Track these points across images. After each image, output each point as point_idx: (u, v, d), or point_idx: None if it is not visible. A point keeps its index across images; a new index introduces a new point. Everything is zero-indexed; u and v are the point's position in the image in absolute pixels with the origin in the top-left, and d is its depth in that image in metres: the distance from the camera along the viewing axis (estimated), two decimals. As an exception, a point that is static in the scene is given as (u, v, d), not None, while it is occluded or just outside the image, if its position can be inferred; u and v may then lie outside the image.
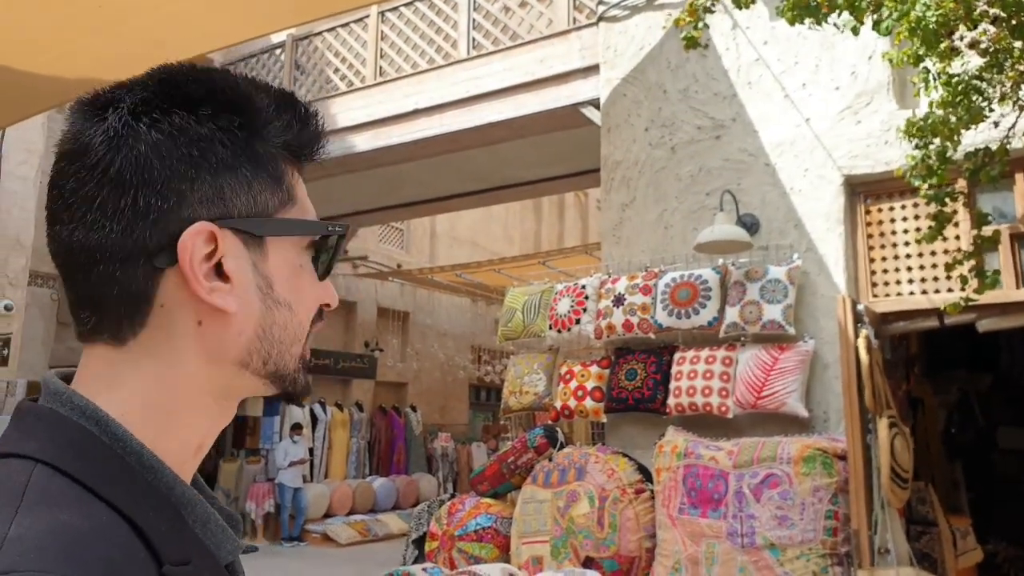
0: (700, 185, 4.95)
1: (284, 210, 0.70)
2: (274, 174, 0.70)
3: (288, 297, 0.70)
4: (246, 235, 0.67)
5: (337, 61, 8.71)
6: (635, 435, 4.90)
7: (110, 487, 0.59)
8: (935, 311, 4.27)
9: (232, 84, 0.69)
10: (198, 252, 0.64)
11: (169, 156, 0.64)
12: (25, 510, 0.55)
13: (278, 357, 0.70)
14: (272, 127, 0.70)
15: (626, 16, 5.47)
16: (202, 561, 0.64)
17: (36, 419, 0.63)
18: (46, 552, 0.52)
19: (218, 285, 0.65)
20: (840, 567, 3.83)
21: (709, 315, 4.58)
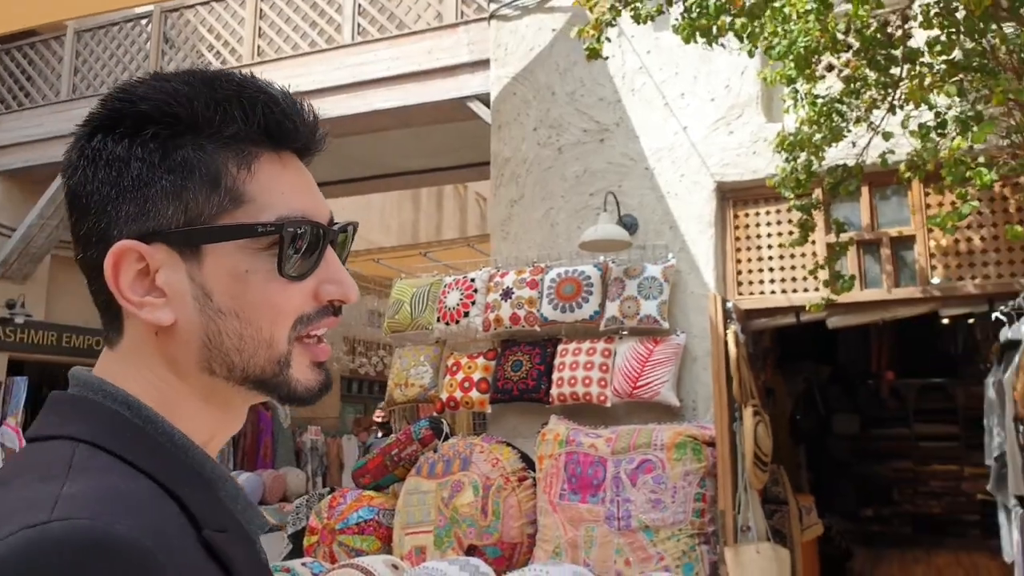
0: (585, 185, 5.17)
1: (227, 214, 0.68)
2: (207, 177, 0.68)
3: (232, 306, 0.68)
4: (179, 246, 0.67)
5: (211, 37, 8.38)
6: (517, 424, 5.07)
7: (148, 461, 0.63)
8: (793, 308, 4.69)
9: (156, 92, 0.68)
10: (128, 270, 0.67)
11: (94, 180, 0.67)
12: (74, 476, 0.58)
13: (243, 363, 0.69)
14: (208, 126, 0.68)
15: (517, 16, 5.61)
16: (236, 533, 0.67)
17: (72, 406, 0.67)
18: (100, 504, 0.56)
19: (150, 300, 0.67)
20: (707, 545, 4.15)
21: (591, 309, 4.80)
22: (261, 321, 0.69)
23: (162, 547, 0.56)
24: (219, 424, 0.74)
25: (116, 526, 0.54)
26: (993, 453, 3.66)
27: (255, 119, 0.69)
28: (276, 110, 0.70)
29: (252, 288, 0.69)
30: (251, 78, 0.72)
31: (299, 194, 0.72)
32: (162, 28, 8.67)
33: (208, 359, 0.69)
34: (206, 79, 0.70)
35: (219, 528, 0.64)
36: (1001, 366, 3.52)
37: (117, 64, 8.75)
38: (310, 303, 0.71)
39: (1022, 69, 2.32)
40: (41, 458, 0.62)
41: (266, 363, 0.70)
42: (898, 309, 4.35)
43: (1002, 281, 4.14)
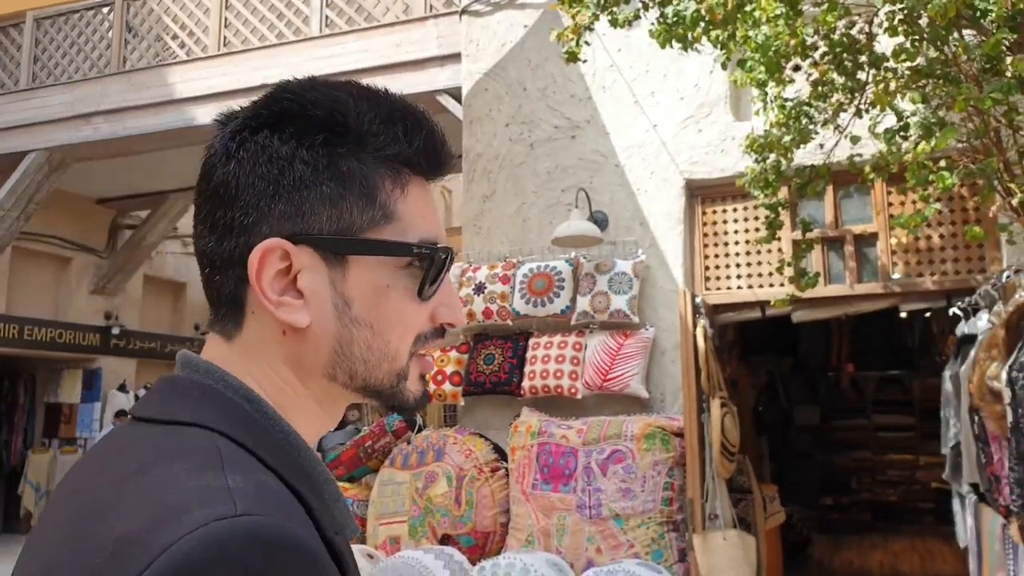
0: (556, 182, 5.24)
1: (377, 228, 0.70)
2: (365, 191, 0.69)
3: (368, 318, 0.70)
4: (326, 253, 0.69)
5: (176, 27, 8.27)
6: (489, 417, 5.14)
7: (275, 460, 0.64)
8: (758, 303, 4.82)
9: (327, 99, 0.69)
10: (270, 267, 0.67)
11: (251, 174, 0.68)
12: (229, 469, 0.59)
13: (365, 374, 0.71)
14: (372, 142, 0.70)
15: (488, 12, 5.65)
16: (344, 535, 0.68)
17: (202, 394, 0.68)
18: (267, 501, 0.58)
19: (288, 300, 0.68)
20: (675, 533, 4.26)
21: (562, 304, 4.88)
22: (391, 335, 0.71)
23: (318, 546, 0.59)
24: (322, 427, 0.76)
25: (287, 524, 0.56)
26: (949, 443, 3.82)
27: (417, 143, 0.71)
28: (435, 138, 0.73)
29: (389, 303, 0.70)
30: (409, 102, 0.74)
31: (435, 219, 0.75)
32: (124, 16, 8.53)
33: (334, 365, 0.71)
34: (372, 95, 0.72)
35: (335, 530, 0.65)
36: (958, 360, 3.67)
37: (79, 53, 8.60)
38: (427, 323, 0.74)
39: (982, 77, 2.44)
40: (186, 444, 0.62)
41: (386, 375, 0.72)
42: (860, 304, 4.50)
43: (959, 278, 4.31)
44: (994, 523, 3.15)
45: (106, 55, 8.50)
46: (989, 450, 3.03)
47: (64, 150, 8.37)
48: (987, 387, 2.68)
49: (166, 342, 12.07)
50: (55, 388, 11.08)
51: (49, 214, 9.64)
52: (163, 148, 8.35)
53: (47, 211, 9.35)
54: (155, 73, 8.14)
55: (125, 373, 11.32)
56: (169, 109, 7.96)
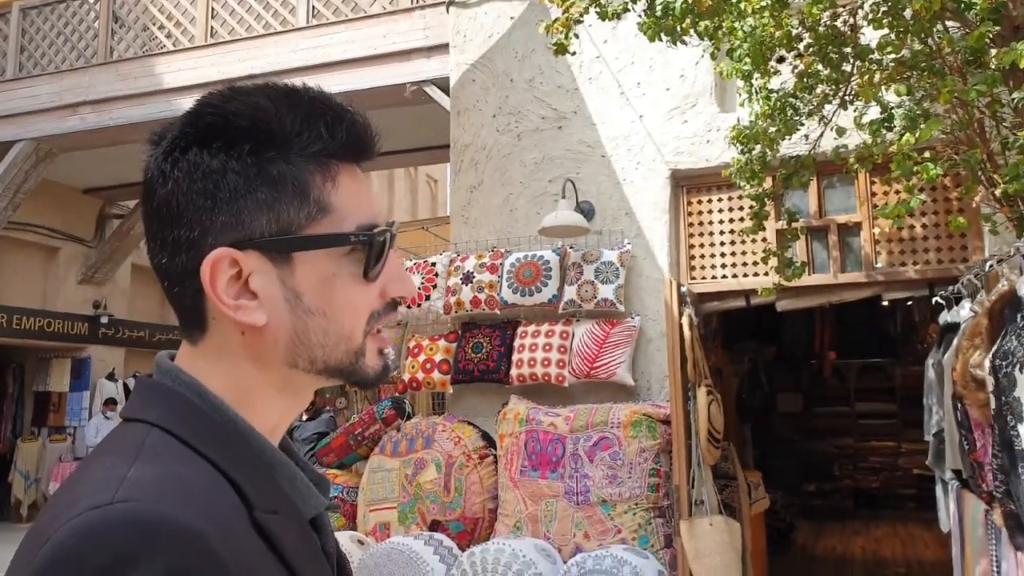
0: (543, 172, 5.28)
1: (315, 223, 0.74)
2: (298, 190, 0.73)
3: (320, 306, 0.74)
4: (271, 253, 0.73)
5: (162, 17, 8.23)
6: (478, 404, 5.19)
7: (211, 447, 0.69)
8: (743, 292, 4.88)
9: (248, 108, 0.72)
10: (222, 276, 0.71)
11: (188, 191, 0.71)
12: (142, 460, 0.64)
13: (324, 357, 0.76)
14: (297, 142, 0.73)
15: (476, 3, 5.66)
16: (288, 514, 0.73)
17: (154, 391, 0.74)
18: (159, 489, 0.61)
19: (244, 303, 0.72)
20: (661, 519, 4.33)
21: (550, 293, 4.93)
22: (343, 318, 0.75)
23: (215, 529, 0.61)
24: (287, 411, 0.80)
25: (171, 509, 0.59)
26: (932, 430, 3.89)
27: (339, 136, 0.75)
28: (356, 127, 0.76)
29: (338, 290, 0.75)
30: (329, 95, 0.77)
31: (369, 202, 0.78)
32: (111, 7, 8.49)
33: (293, 354, 0.75)
34: (291, 96, 0.74)
35: (270, 510, 0.69)
36: (941, 348, 3.74)
37: (65, 42, 8.55)
38: (378, 301, 0.78)
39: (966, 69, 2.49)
40: (121, 439, 0.70)
41: (344, 355, 0.76)
42: (844, 293, 4.58)
43: (942, 267, 4.39)
44: (976, 509, 3.22)
45: (93, 45, 8.46)
46: (972, 437, 3.10)
47: (51, 140, 8.34)
48: (970, 375, 2.75)
49: (154, 331, 12.06)
50: (44, 377, 11.07)
51: (37, 204, 9.60)
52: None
53: (35, 201, 9.31)
54: (142, 63, 8.12)
55: (114, 362, 11.32)
56: (156, 99, 7.94)
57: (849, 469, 10.39)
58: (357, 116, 0.77)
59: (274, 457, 0.75)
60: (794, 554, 7.74)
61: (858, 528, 8.97)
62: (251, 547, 0.65)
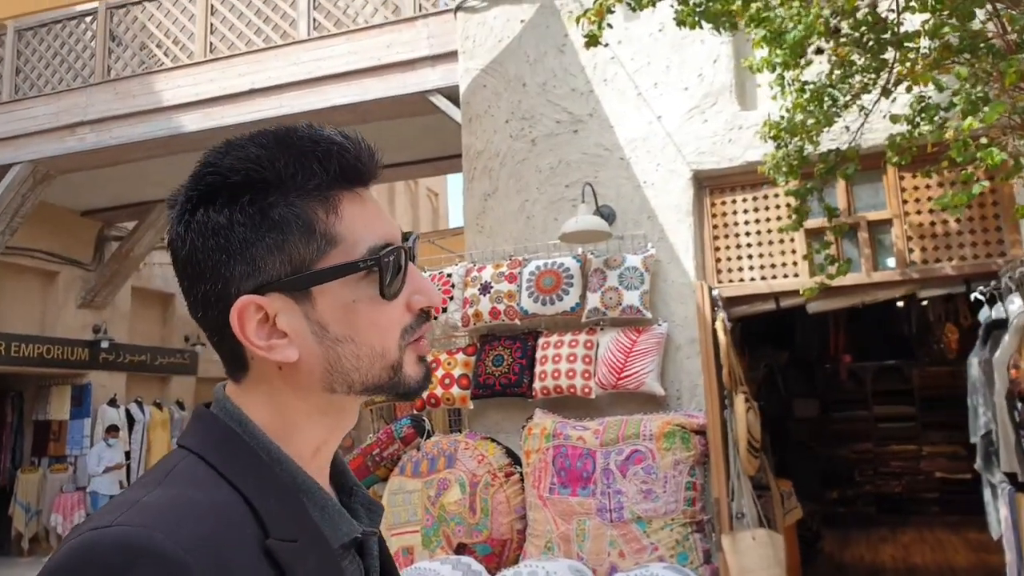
0: (560, 177, 5.12)
1: (326, 256, 0.76)
2: (302, 227, 0.75)
3: (346, 332, 0.77)
4: (291, 292, 0.76)
5: (160, 34, 8.11)
6: (500, 420, 5.01)
7: (238, 474, 0.72)
8: (772, 295, 4.72)
9: (241, 161, 0.75)
10: (250, 321, 0.75)
11: (204, 249, 0.75)
12: (164, 485, 0.69)
13: (361, 378, 0.78)
14: (292, 183, 0.75)
15: (484, 7, 5.53)
16: (312, 541, 0.74)
17: (200, 419, 0.79)
18: (156, 514, 0.64)
19: (275, 343, 0.76)
20: (699, 534, 4.15)
21: (572, 301, 4.76)
22: (372, 340, 0.78)
23: (203, 557, 0.63)
24: (333, 429, 0.83)
25: (161, 535, 0.62)
26: (979, 431, 3.72)
27: (332, 168, 0.77)
28: (348, 156, 0.78)
29: (360, 314, 0.77)
30: (318, 129, 0.78)
31: (378, 222, 0.80)
32: (108, 25, 8.36)
33: (330, 381, 0.78)
34: (280, 140, 0.76)
35: (288, 537, 0.71)
36: (987, 345, 3.58)
37: (61, 63, 8.41)
38: (407, 315, 0.80)
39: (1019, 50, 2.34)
40: (161, 464, 0.74)
41: (381, 371, 0.79)
42: (877, 293, 4.41)
43: (978, 262, 4.22)
44: (1038, 512, 3.05)
45: (90, 64, 8.33)
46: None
47: (49, 162, 8.19)
48: (1036, 371, 2.59)
49: (156, 354, 11.85)
50: (44, 405, 10.84)
51: (34, 228, 9.43)
52: (150, 157, 8.19)
53: (32, 225, 9.15)
54: (141, 81, 7.98)
55: (115, 387, 11.10)
56: (156, 117, 7.80)
57: (870, 474, 10.20)
58: (349, 144, 0.78)
59: (305, 483, 0.78)
60: (822, 564, 7.53)
61: (884, 535, 8.77)
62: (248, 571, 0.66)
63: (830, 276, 3.54)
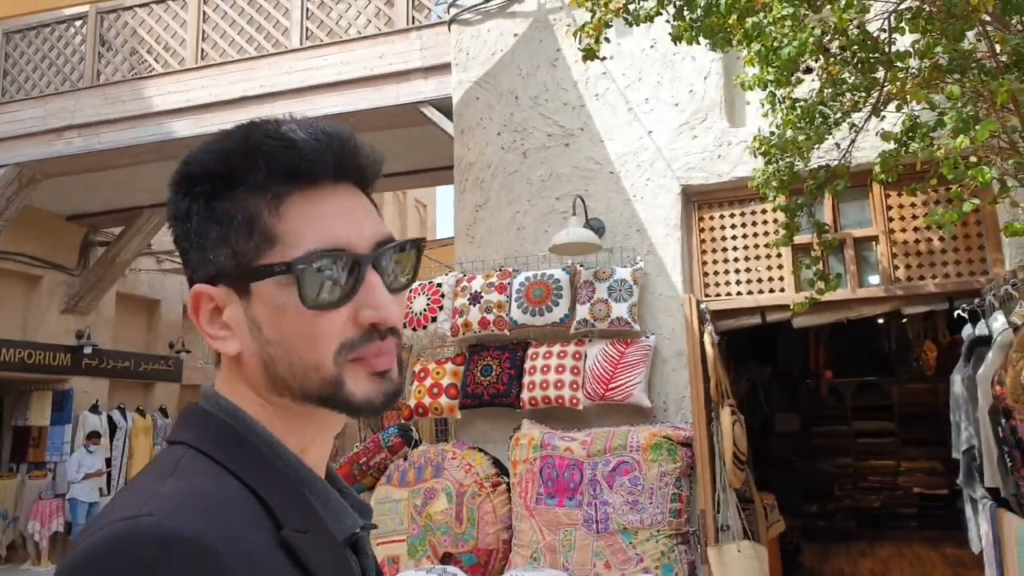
0: (550, 190, 5.17)
1: (264, 254, 0.74)
2: (244, 223, 0.74)
3: (275, 337, 0.75)
4: (234, 286, 0.76)
5: (151, 40, 8.09)
6: (487, 430, 5.02)
7: (242, 467, 0.72)
8: (758, 309, 4.77)
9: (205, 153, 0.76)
10: (203, 308, 0.77)
11: (175, 234, 0.78)
12: (174, 477, 0.68)
13: (298, 386, 0.75)
14: (240, 177, 0.74)
15: (479, 20, 5.58)
16: (319, 534, 0.73)
17: (194, 415, 0.78)
18: (183, 504, 0.64)
19: (220, 333, 0.77)
20: (685, 545, 4.18)
21: (561, 312, 4.79)
22: (301, 349, 0.74)
23: (232, 547, 0.63)
24: (310, 434, 0.80)
25: (189, 524, 0.62)
26: (962, 447, 3.78)
27: (277, 166, 0.74)
28: (296, 153, 0.74)
29: (288, 320, 0.74)
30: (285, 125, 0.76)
31: (331, 225, 0.75)
32: (98, 30, 8.34)
33: (271, 382, 0.76)
34: (245, 133, 0.76)
35: (299, 529, 0.70)
36: (970, 362, 3.64)
37: (50, 67, 8.38)
38: (351, 328, 0.75)
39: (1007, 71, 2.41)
40: (161, 460, 0.74)
41: (318, 385, 0.75)
42: (862, 308, 4.48)
43: (961, 280, 4.30)
44: (1021, 529, 3.10)
45: (79, 68, 8.30)
46: (1017, 453, 2.99)
47: (35, 165, 8.14)
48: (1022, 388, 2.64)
49: (140, 361, 11.76)
50: (24, 410, 10.70)
51: (18, 231, 9.36)
52: (139, 162, 8.15)
53: (16, 228, 9.08)
54: (131, 86, 7.96)
55: (97, 393, 10.99)
56: (145, 122, 7.77)
57: (849, 489, 10.28)
58: (304, 141, 0.75)
59: (307, 476, 0.77)
60: (803, 578, 7.57)
61: (863, 549, 8.84)
62: (274, 564, 0.66)
63: (820, 291, 3.59)
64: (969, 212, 2.68)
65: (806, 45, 2.80)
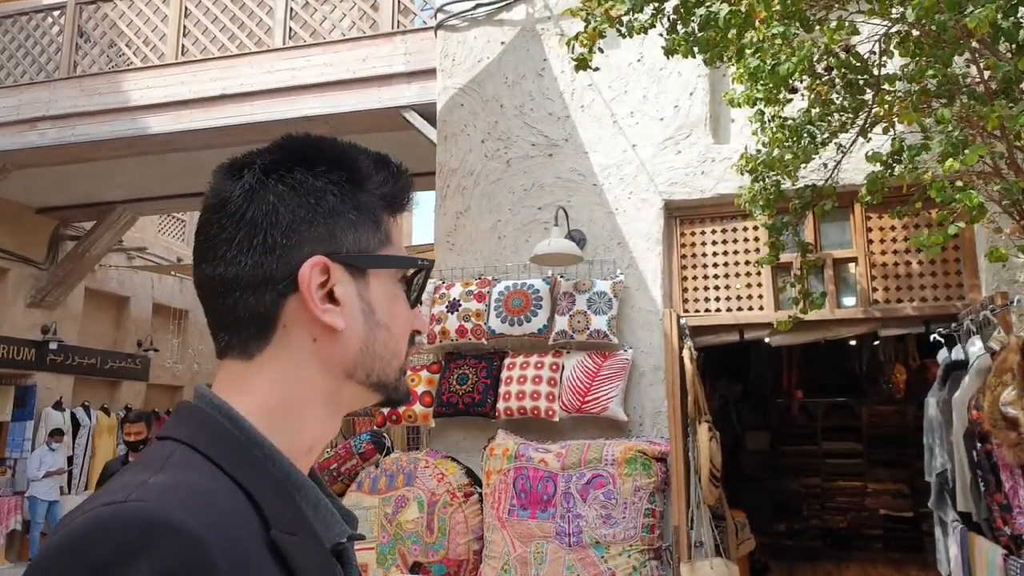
0: (533, 199, 5.15)
1: (382, 249, 0.84)
2: (374, 219, 0.83)
3: (387, 320, 0.83)
4: (352, 268, 0.81)
5: (131, 33, 7.97)
6: (460, 439, 4.97)
7: (234, 466, 0.72)
8: (736, 326, 4.78)
9: (340, 148, 0.84)
10: (315, 280, 0.78)
11: (292, 204, 0.79)
12: (165, 470, 0.68)
13: (380, 370, 0.83)
14: (372, 181, 0.84)
15: (465, 27, 5.56)
16: (308, 538, 0.74)
17: (188, 413, 0.77)
18: (173, 494, 0.64)
19: (329, 307, 0.79)
20: (656, 561, 4.15)
21: (540, 323, 4.76)
22: (400, 337, 0.84)
23: (218, 538, 0.62)
24: (326, 428, 0.83)
25: (175, 512, 0.62)
26: (935, 470, 3.80)
27: (399, 184, 0.86)
28: (406, 182, 0.88)
29: (397, 309, 0.84)
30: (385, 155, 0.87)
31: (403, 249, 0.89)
32: (77, 21, 8.20)
33: (356, 363, 0.81)
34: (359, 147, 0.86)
35: (289, 531, 0.71)
36: (945, 386, 3.66)
37: (25, 56, 8.22)
38: (411, 328, 0.87)
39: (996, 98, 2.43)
40: (151, 454, 0.74)
41: (394, 371, 0.84)
42: (840, 329, 4.50)
43: (938, 304, 4.34)
44: (993, 554, 3.11)
45: (56, 59, 8.14)
46: (990, 477, 3.00)
47: (6, 155, 7.96)
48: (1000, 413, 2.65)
49: (107, 358, 11.53)
50: (-15, 405, 10.46)
51: (-15, 222, 9.16)
52: (115, 157, 8.01)
53: (-17, 219, 8.88)
54: (108, 79, 7.82)
55: (61, 390, 10.76)
56: (122, 116, 7.64)
57: (817, 509, 10.32)
58: (407, 174, 0.88)
59: (298, 480, 0.77)
60: (770, 596, 7.57)
61: (829, 569, 8.87)
62: (261, 562, 0.66)
63: (804, 310, 3.59)
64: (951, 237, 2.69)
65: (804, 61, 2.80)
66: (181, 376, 13.05)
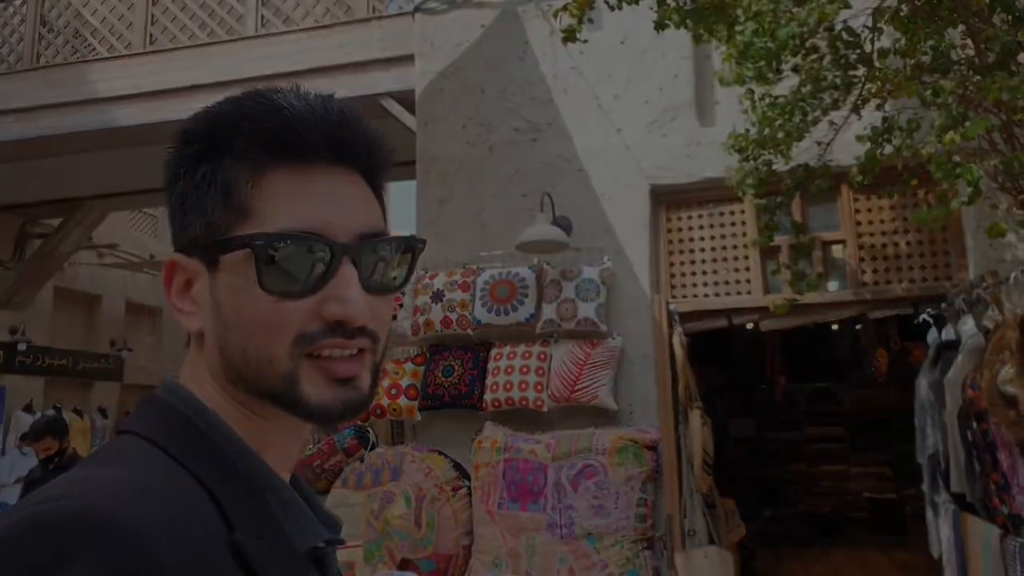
0: (516, 186, 5.04)
1: (237, 227, 0.68)
2: (222, 192, 0.68)
3: (234, 319, 0.68)
4: (203, 259, 0.69)
5: (96, 22, 7.74)
6: (447, 432, 4.86)
7: (196, 462, 0.65)
8: (724, 312, 4.72)
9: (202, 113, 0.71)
10: (176, 280, 0.71)
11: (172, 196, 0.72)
12: (117, 465, 0.63)
13: (250, 377, 0.68)
14: (226, 142, 0.68)
15: (444, 10, 5.43)
16: (276, 541, 0.66)
17: (150, 406, 0.71)
18: (118, 491, 0.58)
19: (186, 307, 0.71)
20: (649, 551, 4.08)
21: (527, 312, 4.67)
22: (257, 337, 0.68)
23: (169, 538, 0.56)
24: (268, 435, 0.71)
25: (117, 510, 0.55)
26: (927, 452, 3.76)
27: (256, 130, 0.68)
28: (277, 118, 0.68)
29: (249, 303, 0.67)
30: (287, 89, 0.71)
31: (312, 207, 0.68)
32: (39, 10, 7.96)
33: (226, 368, 0.70)
34: (242, 95, 0.71)
35: (255, 533, 0.64)
36: (937, 367, 3.61)
37: (-13, 46, 7.96)
38: (313, 321, 0.68)
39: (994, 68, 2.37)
40: (105, 449, 0.69)
41: (271, 379, 0.68)
42: (829, 312, 4.45)
43: (927, 285, 4.30)
44: (989, 533, 3.06)
45: (17, 50, 7.90)
46: (987, 457, 2.95)
47: (-32, 151, 7.72)
48: (998, 391, 2.60)
49: (78, 358, 11.29)
50: (-49, 409, 10.19)
51: (-52, 221, 8.89)
52: (82, 150, 7.79)
53: (-53, 217, 8.62)
54: (74, 70, 7.60)
55: (32, 392, 10.51)
56: (89, 109, 7.42)
57: (802, 494, 10.35)
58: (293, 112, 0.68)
59: (269, 479, 0.70)
60: (758, 583, 7.56)
61: (816, 554, 8.89)
62: (222, 569, 0.60)
63: (799, 292, 3.53)
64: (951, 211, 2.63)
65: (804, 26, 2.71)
66: (156, 376, 12.81)
